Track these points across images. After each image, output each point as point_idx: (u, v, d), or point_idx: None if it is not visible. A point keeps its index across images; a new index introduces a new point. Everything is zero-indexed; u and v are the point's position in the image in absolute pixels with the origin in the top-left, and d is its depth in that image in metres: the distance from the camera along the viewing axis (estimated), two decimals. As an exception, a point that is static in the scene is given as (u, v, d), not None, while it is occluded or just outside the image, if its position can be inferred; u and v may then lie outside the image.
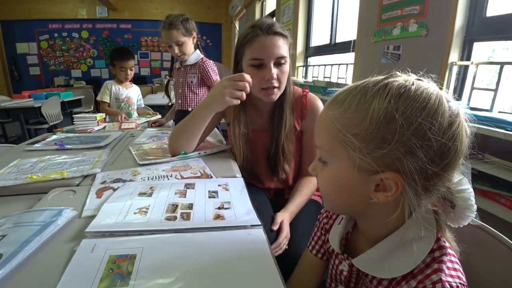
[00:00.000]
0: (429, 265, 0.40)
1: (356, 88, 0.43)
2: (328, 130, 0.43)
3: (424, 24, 1.76)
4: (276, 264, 0.49)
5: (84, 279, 0.44)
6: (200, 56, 1.75)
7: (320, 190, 0.50)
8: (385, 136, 0.37)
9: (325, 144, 0.45)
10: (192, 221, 0.61)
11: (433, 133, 0.36)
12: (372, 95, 0.39)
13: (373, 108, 0.38)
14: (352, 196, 0.44)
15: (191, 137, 1.01)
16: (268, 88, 0.91)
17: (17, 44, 6.49)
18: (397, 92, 0.38)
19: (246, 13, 6.03)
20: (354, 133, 0.39)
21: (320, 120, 0.47)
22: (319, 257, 0.63)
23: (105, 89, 2.12)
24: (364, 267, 0.47)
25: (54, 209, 0.63)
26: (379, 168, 0.38)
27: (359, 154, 0.39)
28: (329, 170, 0.45)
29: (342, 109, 0.42)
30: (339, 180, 0.44)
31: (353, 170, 0.41)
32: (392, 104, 0.37)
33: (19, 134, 3.57)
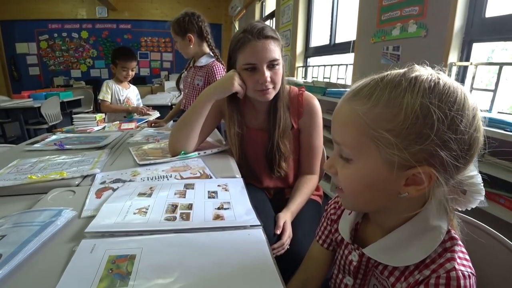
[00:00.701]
0: (441, 255, 0.41)
1: (382, 81, 0.41)
2: (355, 126, 0.41)
3: (423, 24, 1.77)
4: (276, 264, 0.49)
5: (83, 279, 0.44)
6: (211, 59, 1.68)
7: (343, 189, 0.47)
8: (422, 131, 0.37)
9: (351, 140, 0.43)
10: (192, 221, 0.61)
11: (464, 126, 0.37)
12: (404, 89, 0.38)
13: (406, 102, 0.37)
14: (380, 192, 0.43)
15: (192, 129, 1.02)
16: (262, 89, 0.93)
17: (17, 44, 6.50)
18: (429, 86, 0.38)
19: (246, 14, 6.04)
20: (388, 128, 0.38)
21: (342, 115, 0.44)
22: (325, 247, 0.63)
23: (106, 88, 2.10)
24: (376, 255, 0.47)
25: (54, 209, 0.63)
26: (416, 163, 0.38)
27: (395, 150, 0.38)
28: (354, 167, 0.44)
29: (371, 104, 0.40)
30: (366, 177, 0.43)
31: (384, 166, 0.40)
32: (426, 98, 0.37)
33: (18, 134, 3.57)
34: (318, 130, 1.04)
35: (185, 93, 1.81)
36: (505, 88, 1.42)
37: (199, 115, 1.01)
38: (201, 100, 1.01)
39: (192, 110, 1.02)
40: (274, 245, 0.83)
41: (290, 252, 0.85)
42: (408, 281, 0.42)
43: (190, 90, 1.76)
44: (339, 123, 0.45)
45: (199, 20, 1.63)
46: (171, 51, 7.24)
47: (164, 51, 7.24)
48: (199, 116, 1.02)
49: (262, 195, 1.06)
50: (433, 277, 0.39)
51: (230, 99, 1.02)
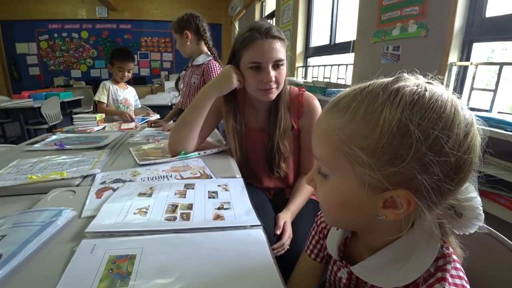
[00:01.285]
0: (433, 275, 0.38)
1: (362, 92, 0.38)
2: (330, 141, 0.39)
3: (423, 24, 1.77)
4: (276, 264, 0.49)
5: (83, 279, 0.44)
6: (208, 58, 1.71)
7: (320, 205, 0.45)
8: (398, 152, 0.33)
9: (326, 156, 0.40)
10: (192, 221, 0.61)
11: (449, 147, 0.33)
12: (382, 103, 0.35)
13: (384, 118, 0.34)
14: (356, 212, 0.41)
15: (191, 128, 1.02)
16: (265, 89, 0.93)
17: (17, 44, 6.50)
18: (411, 100, 0.34)
19: (245, 14, 6.04)
20: (362, 146, 0.35)
21: (319, 129, 0.42)
22: (318, 261, 0.61)
23: (102, 89, 2.10)
24: (364, 275, 0.44)
25: (54, 209, 0.63)
26: (390, 186, 0.35)
27: (367, 170, 0.35)
28: (330, 184, 0.41)
29: (347, 118, 0.37)
30: (342, 196, 0.40)
31: (359, 186, 0.37)
32: (406, 114, 0.33)
33: (18, 134, 3.57)
34: None
35: (183, 91, 1.84)
36: (505, 88, 1.42)
37: (199, 114, 1.01)
38: (200, 98, 1.01)
39: (192, 109, 1.02)
40: (274, 245, 0.83)
41: (290, 252, 0.85)
42: None
43: (187, 89, 1.78)
44: (317, 136, 0.42)
45: (197, 19, 1.69)
46: (171, 51, 7.25)
47: (164, 51, 7.25)
48: (199, 115, 1.01)
49: (262, 195, 1.05)
50: None
51: (227, 97, 1.02)
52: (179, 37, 1.69)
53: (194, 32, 1.69)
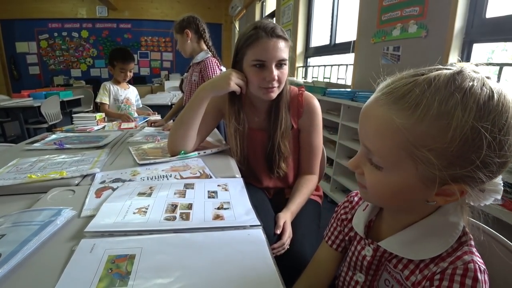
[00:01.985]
0: (457, 249, 0.41)
1: (429, 87, 0.36)
2: (394, 139, 0.38)
3: (423, 25, 1.77)
4: (275, 264, 0.49)
5: (83, 279, 0.44)
6: (207, 55, 1.76)
7: (368, 190, 0.45)
8: (466, 155, 0.35)
9: (387, 152, 0.40)
10: (192, 221, 0.61)
11: (507, 148, 0.35)
12: (455, 104, 0.34)
13: (456, 122, 0.34)
14: (407, 200, 0.43)
15: (189, 127, 1.02)
16: (267, 87, 0.93)
17: (17, 43, 6.50)
18: (483, 102, 0.34)
19: (246, 14, 6.04)
20: (431, 147, 0.35)
21: (377, 122, 0.40)
22: (334, 248, 0.63)
23: (103, 90, 2.10)
24: (393, 248, 0.47)
25: (53, 208, 0.63)
26: (452, 182, 0.37)
27: (434, 170, 0.36)
28: (384, 176, 0.42)
29: (417, 119, 0.36)
30: (396, 187, 0.41)
31: (418, 180, 0.39)
32: (479, 121, 0.34)
33: (18, 133, 3.57)
34: (317, 130, 1.05)
35: (186, 90, 1.88)
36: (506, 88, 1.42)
37: (196, 113, 1.01)
38: (196, 97, 1.01)
39: (189, 107, 1.02)
40: (274, 245, 0.83)
41: (290, 252, 0.85)
42: (423, 273, 0.42)
43: (189, 87, 1.83)
44: (374, 130, 0.41)
45: (196, 20, 1.77)
46: (171, 50, 7.25)
47: (164, 51, 7.24)
48: (196, 113, 1.01)
49: (262, 195, 1.06)
50: (451, 268, 0.39)
51: (231, 97, 1.02)
52: (180, 37, 1.75)
53: (194, 31, 1.76)
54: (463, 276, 0.38)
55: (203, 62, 1.73)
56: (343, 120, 2.17)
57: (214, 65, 1.72)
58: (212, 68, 1.71)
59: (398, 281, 0.46)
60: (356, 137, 2.19)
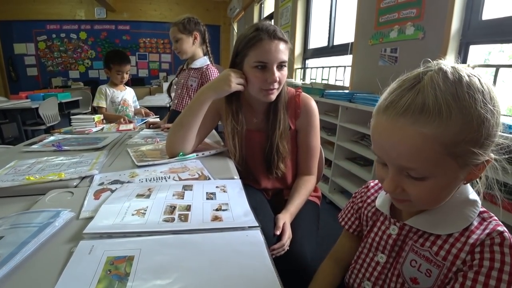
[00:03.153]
0: (483, 223, 0.46)
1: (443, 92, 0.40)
2: (431, 151, 0.41)
3: (421, 27, 1.78)
4: (274, 265, 0.50)
5: (81, 280, 0.44)
6: (207, 62, 1.75)
7: (416, 202, 0.47)
8: (490, 132, 0.41)
9: (428, 164, 0.42)
10: (190, 222, 0.61)
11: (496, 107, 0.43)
12: (468, 98, 0.40)
13: (473, 110, 0.40)
14: (452, 190, 0.46)
15: (188, 129, 1.02)
16: (268, 89, 0.94)
17: (15, 44, 6.47)
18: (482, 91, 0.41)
19: (244, 15, 6.05)
20: (466, 140, 0.40)
21: (409, 141, 0.41)
22: (350, 232, 0.68)
23: (100, 94, 2.10)
24: (420, 225, 0.50)
25: (52, 210, 0.63)
26: (488, 157, 0.42)
27: (476, 156, 0.41)
28: (430, 183, 0.43)
29: (444, 123, 0.39)
30: (443, 188, 0.45)
31: (461, 171, 0.43)
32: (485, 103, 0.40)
33: (16, 135, 3.55)
34: (315, 131, 1.05)
35: (178, 93, 1.84)
36: (502, 90, 1.43)
37: (196, 116, 1.01)
38: (197, 100, 1.01)
39: (189, 110, 1.02)
40: (274, 246, 0.83)
41: (290, 253, 0.85)
42: (456, 246, 0.46)
43: (183, 90, 1.79)
44: (409, 150, 0.42)
45: (202, 24, 1.76)
46: (169, 52, 7.24)
47: (162, 52, 7.24)
48: (196, 116, 1.02)
49: (261, 196, 1.06)
50: (488, 239, 0.43)
51: (228, 98, 1.02)
52: (185, 37, 1.70)
53: (201, 36, 1.74)
54: (500, 245, 0.42)
55: (204, 70, 1.72)
56: (341, 122, 2.17)
57: (216, 74, 1.70)
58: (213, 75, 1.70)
59: (427, 258, 0.49)
60: (354, 138, 2.20)
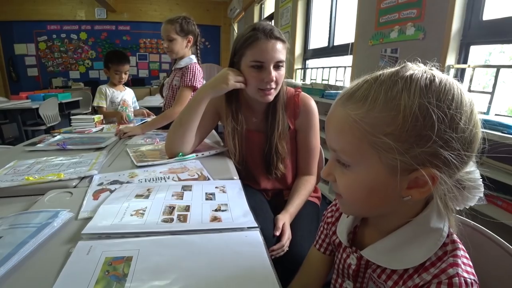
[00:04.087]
0: (442, 259, 0.40)
1: (375, 82, 0.40)
2: (352, 132, 0.39)
3: (421, 27, 1.78)
4: (273, 266, 0.49)
5: (79, 281, 0.44)
6: (192, 61, 1.71)
7: (343, 196, 0.45)
8: (422, 132, 0.36)
9: (350, 147, 0.41)
10: (189, 223, 0.61)
11: (463, 123, 0.37)
12: (399, 90, 0.37)
13: (404, 104, 0.36)
14: (381, 198, 0.42)
15: (187, 129, 1.02)
16: (265, 89, 0.94)
17: (15, 45, 6.48)
18: (425, 84, 0.37)
19: (244, 16, 6.05)
20: (387, 132, 0.37)
21: (337, 121, 0.42)
22: (322, 251, 0.63)
23: (100, 94, 2.10)
24: (374, 258, 0.46)
25: (51, 210, 0.63)
26: (418, 166, 0.37)
27: (395, 154, 0.37)
28: (354, 175, 0.42)
29: (368, 107, 0.38)
30: (367, 184, 0.41)
31: (385, 172, 0.39)
32: (424, 98, 0.36)
33: (16, 135, 3.55)
34: (314, 131, 1.05)
35: (166, 94, 1.84)
36: (503, 90, 1.42)
37: (195, 114, 1.01)
38: (196, 98, 1.01)
39: (187, 109, 1.03)
40: (273, 246, 0.83)
41: (289, 253, 0.85)
42: (407, 285, 0.41)
43: (170, 91, 1.79)
44: (335, 129, 0.43)
45: (197, 27, 1.74)
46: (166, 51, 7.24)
47: (163, 53, 7.23)
48: (195, 115, 1.01)
49: (260, 197, 1.05)
50: (434, 283, 0.38)
51: (228, 97, 1.02)
52: (180, 39, 1.68)
53: (194, 39, 1.74)
54: None
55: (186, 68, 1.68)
56: (341, 122, 2.17)
57: (197, 71, 1.67)
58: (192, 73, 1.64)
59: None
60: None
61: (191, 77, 1.62)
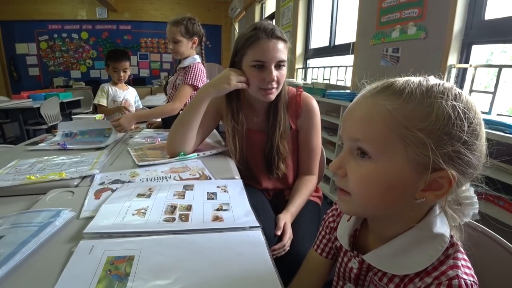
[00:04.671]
0: (443, 262, 0.40)
1: (407, 82, 0.41)
2: (384, 121, 0.39)
3: (423, 27, 1.77)
4: (274, 265, 0.49)
5: (81, 280, 0.44)
6: (195, 61, 1.72)
7: (354, 190, 0.43)
8: (452, 132, 0.37)
9: (378, 136, 0.40)
10: (191, 222, 0.61)
11: (482, 134, 0.39)
12: (435, 91, 0.39)
13: (439, 103, 0.37)
14: (396, 196, 0.41)
15: (189, 128, 1.02)
16: (266, 89, 0.94)
17: (17, 44, 6.49)
18: (455, 92, 0.39)
19: (245, 15, 6.05)
20: (420, 127, 0.37)
21: (363, 110, 0.42)
22: (324, 256, 0.62)
23: (101, 92, 2.11)
24: (377, 262, 0.45)
25: (52, 210, 0.63)
26: (450, 172, 0.37)
27: (424, 150, 0.37)
28: (373, 166, 0.40)
29: (402, 101, 0.39)
30: (386, 178, 0.40)
31: (408, 168, 0.38)
32: (455, 102, 0.38)
33: (17, 134, 3.56)
34: (316, 130, 1.05)
35: (169, 93, 1.86)
36: (504, 90, 1.42)
37: (196, 114, 1.01)
38: (197, 98, 1.01)
39: (189, 108, 1.03)
40: (275, 246, 0.83)
41: (290, 253, 0.85)
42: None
43: (173, 90, 1.80)
44: (362, 118, 0.42)
45: (201, 28, 1.75)
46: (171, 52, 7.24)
47: (164, 52, 7.24)
48: (196, 114, 1.01)
49: (262, 197, 1.05)
50: (434, 284, 0.38)
51: (229, 97, 1.02)
52: (186, 41, 1.69)
53: (199, 40, 1.75)
54: None
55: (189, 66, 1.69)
56: (342, 122, 2.17)
57: (199, 71, 1.67)
58: (194, 72, 1.64)
59: None
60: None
61: (192, 75, 1.63)
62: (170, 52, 1.75)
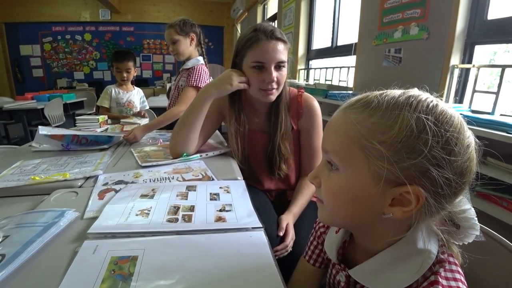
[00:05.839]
0: (427, 278, 0.39)
1: (381, 95, 0.40)
2: (347, 133, 0.40)
3: (425, 27, 1.77)
4: (277, 266, 0.49)
5: (85, 280, 0.44)
6: (199, 63, 1.73)
7: (325, 201, 0.44)
8: (415, 146, 0.35)
9: (341, 148, 0.41)
10: (194, 223, 0.61)
11: (458, 150, 0.36)
12: (402, 104, 0.37)
13: (402, 116, 0.36)
14: (362, 209, 0.41)
15: (191, 129, 1.02)
16: (267, 89, 0.94)
17: (21, 46, 6.54)
18: (427, 105, 0.37)
19: (247, 16, 6.06)
20: (380, 140, 0.37)
21: (335, 123, 0.43)
22: (316, 266, 0.62)
23: (104, 94, 2.13)
24: (361, 278, 0.45)
25: (57, 210, 0.64)
26: (406, 180, 0.36)
27: (384, 163, 0.36)
28: (340, 178, 0.41)
29: (367, 114, 0.39)
30: (351, 190, 0.40)
31: (371, 181, 0.38)
32: (424, 114, 0.36)
33: (21, 135, 3.59)
34: (318, 131, 1.05)
35: (172, 94, 1.86)
36: (508, 90, 1.41)
37: (198, 114, 1.02)
38: (199, 98, 1.01)
39: (191, 109, 1.03)
40: (277, 247, 0.83)
41: (293, 254, 0.85)
42: None
43: (175, 91, 1.80)
44: (331, 130, 0.43)
45: (197, 27, 1.76)
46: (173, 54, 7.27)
47: (166, 54, 7.27)
48: (198, 115, 1.02)
49: (264, 197, 1.05)
50: None
51: (231, 98, 1.03)
52: (183, 39, 1.70)
53: (197, 37, 1.75)
54: None
55: (192, 68, 1.69)
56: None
57: (203, 72, 1.67)
58: (197, 74, 1.64)
59: None
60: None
61: (196, 77, 1.63)
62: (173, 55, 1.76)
